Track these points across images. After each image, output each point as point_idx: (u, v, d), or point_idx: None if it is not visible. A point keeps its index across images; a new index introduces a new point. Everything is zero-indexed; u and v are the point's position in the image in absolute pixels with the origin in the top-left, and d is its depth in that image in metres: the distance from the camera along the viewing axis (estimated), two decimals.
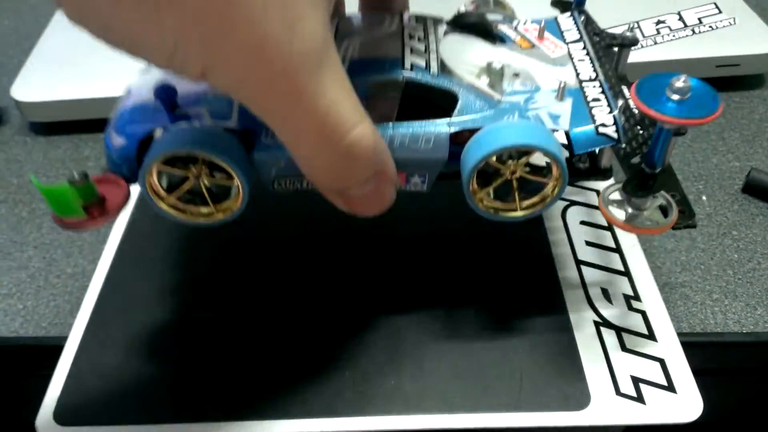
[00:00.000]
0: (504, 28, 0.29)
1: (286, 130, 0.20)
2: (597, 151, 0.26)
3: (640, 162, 0.24)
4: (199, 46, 0.18)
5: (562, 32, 0.29)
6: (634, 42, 0.28)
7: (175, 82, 0.24)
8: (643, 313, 0.29)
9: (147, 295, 0.30)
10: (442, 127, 0.24)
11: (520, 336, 0.28)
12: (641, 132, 0.25)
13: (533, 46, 0.28)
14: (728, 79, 0.43)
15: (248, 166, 0.24)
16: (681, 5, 0.46)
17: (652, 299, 0.29)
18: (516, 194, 0.25)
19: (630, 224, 0.24)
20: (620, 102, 0.24)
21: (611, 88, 0.26)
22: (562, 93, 0.25)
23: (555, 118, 0.25)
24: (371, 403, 0.26)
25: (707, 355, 0.30)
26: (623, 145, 0.25)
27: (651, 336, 0.28)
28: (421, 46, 0.26)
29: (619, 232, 0.32)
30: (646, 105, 0.21)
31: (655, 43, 0.43)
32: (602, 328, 0.28)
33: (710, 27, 0.44)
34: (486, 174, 0.25)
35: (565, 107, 0.25)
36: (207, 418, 0.26)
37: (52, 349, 0.29)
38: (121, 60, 0.24)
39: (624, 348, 0.27)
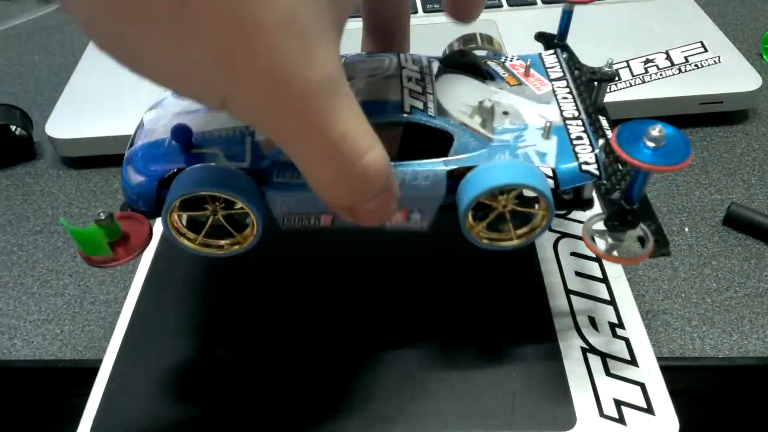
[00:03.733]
0: (493, 65, 0.31)
1: (302, 155, 0.21)
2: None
3: (620, 198, 0.26)
4: (221, 74, 0.19)
5: (546, 69, 0.31)
6: (612, 77, 0.30)
7: (190, 122, 0.26)
8: (627, 340, 0.31)
9: (174, 321, 0.33)
10: (439, 166, 0.26)
11: (513, 362, 0.30)
12: (620, 168, 0.27)
13: (520, 83, 0.30)
14: (712, 114, 0.46)
15: (261, 202, 0.26)
16: (669, 44, 0.49)
17: (635, 327, 0.32)
18: (510, 225, 0.27)
19: (609, 254, 0.26)
20: (601, 141, 0.26)
21: (592, 125, 0.28)
22: (548, 132, 0.27)
23: (542, 156, 0.26)
24: (378, 424, 0.28)
25: (685, 378, 0.33)
26: (604, 181, 0.26)
27: (633, 362, 0.30)
28: (419, 88, 0.28)
29: (606, 263, 0.35)
30: (625, 152, 0.23)
31: (644, 81, 0.46)
32: (588, 354, 0.31)
33: (696, 66, 0.47)
34: (481, 206, 0.26)
35: (551, 145, 0.27)
36: None
37: (89, 371, 0.32)
38: (147, 98, 0.28)
39: (608, 373, 0.30)
